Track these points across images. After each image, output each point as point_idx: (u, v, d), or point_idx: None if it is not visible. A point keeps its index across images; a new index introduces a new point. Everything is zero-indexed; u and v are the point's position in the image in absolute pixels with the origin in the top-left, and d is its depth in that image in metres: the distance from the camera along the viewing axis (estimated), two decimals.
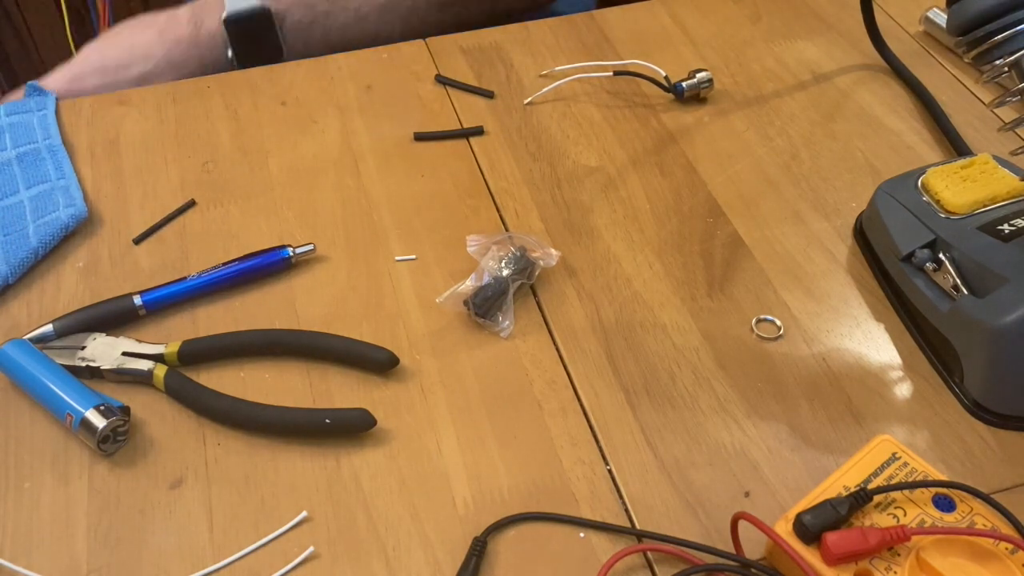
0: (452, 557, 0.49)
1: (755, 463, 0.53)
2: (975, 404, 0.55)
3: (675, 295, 0.62)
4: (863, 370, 0.58)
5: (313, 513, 0.51)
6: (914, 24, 0.84)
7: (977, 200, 0.59)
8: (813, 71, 0.79)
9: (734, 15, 0.86)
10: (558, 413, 0.55)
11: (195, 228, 0.66)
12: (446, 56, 0.81)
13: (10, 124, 0.73)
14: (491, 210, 0.67)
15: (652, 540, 0.49)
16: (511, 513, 0.50)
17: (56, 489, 0.52)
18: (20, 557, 0.49)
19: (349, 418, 0.53)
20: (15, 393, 0.56)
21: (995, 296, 0.53)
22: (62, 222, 0.64)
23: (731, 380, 0.57)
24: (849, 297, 0.62)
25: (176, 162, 0.71)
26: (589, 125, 0.74)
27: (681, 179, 0.70)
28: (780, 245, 0.65)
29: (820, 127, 0.74)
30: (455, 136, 0.73)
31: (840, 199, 0.68)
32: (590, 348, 0.59)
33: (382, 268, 0.63)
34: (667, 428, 0.55)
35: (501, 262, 0.60)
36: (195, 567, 0.49)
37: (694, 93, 0.75)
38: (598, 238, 0.65)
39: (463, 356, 0.58)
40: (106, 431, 0.52)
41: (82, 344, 0.57)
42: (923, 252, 0.59)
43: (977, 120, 0.74)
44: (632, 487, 0.52)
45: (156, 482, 0.52)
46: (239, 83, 0.78)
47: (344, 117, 0.75)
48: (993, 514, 0.47)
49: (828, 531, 0.45)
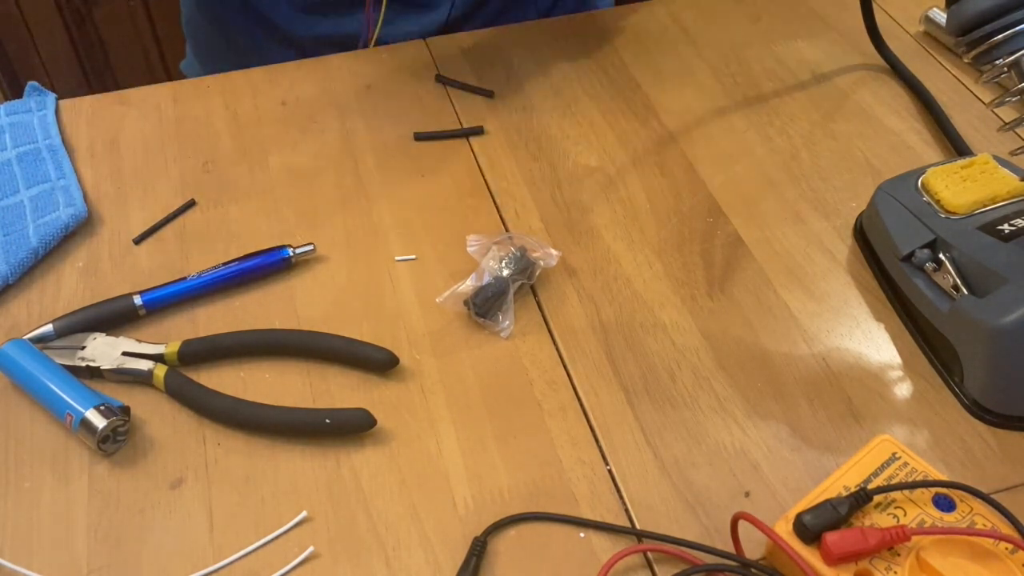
0: (452, 557, 0.49)
1: (755, 463, 0.53)
2: (975, 404, 0.55)
3: (675, 295, 0.62)
4: (863, 370, 0.58)
5: (313, 513, 0.51)
6: (914, 24, 0.84)
7: (977, 200, 0.59)
8: (813, 71, 0.79)
9: (734, 15, 0.86)
10: (558, 413, 0.55)
11: (195, 228, 0.66)
12: (446, 56, 0.81)
13: (10, 124, 0.73)
14: (491, 210, 0.67)
15: (652, 540, 0.49)
16: (511, 513, 0.50)
17: (56, 489, 0.52)
18: (20, 557, 0.49)
19: (349, 418, 0.53)
20: (15, 393, 0.56)
21: (995, 296, 0.53)
22: (62, 222, 0.64)
23: (731, 380, 0.57)
24: (849, 297, 0.62)
25: (176, 162, 0.71)
26: (589, 125, 0.74)
27: (681, 179, 0.70)
28: (780, 245, 0.65)
29: (820, 127, 0.74)
30: (455, 136, 0.73)
31: (840, 199, 0.68)
32: (590, 348, 0.59)
33: (382, 268, 0.63)
34: (667, 428, 0.55)
35: (501, 262, 0.60)
36: (195, 567, 0.49)
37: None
38: (598, 238, 0.65)
39: (463, 356, 0.58)
40: (106, 431, 0.52)
41: (82, 344, 0.57)
42: (923, 252, 0.59)
43: (977, 120, 0.74)
44: (632, 487, 0.52)
45: (156, 482, 0.52)
46: (239, 83, 0.78)
47: (344, 117, 0.75)
48: (993, 514, 0.47)
49: (828, 531, 0.45)
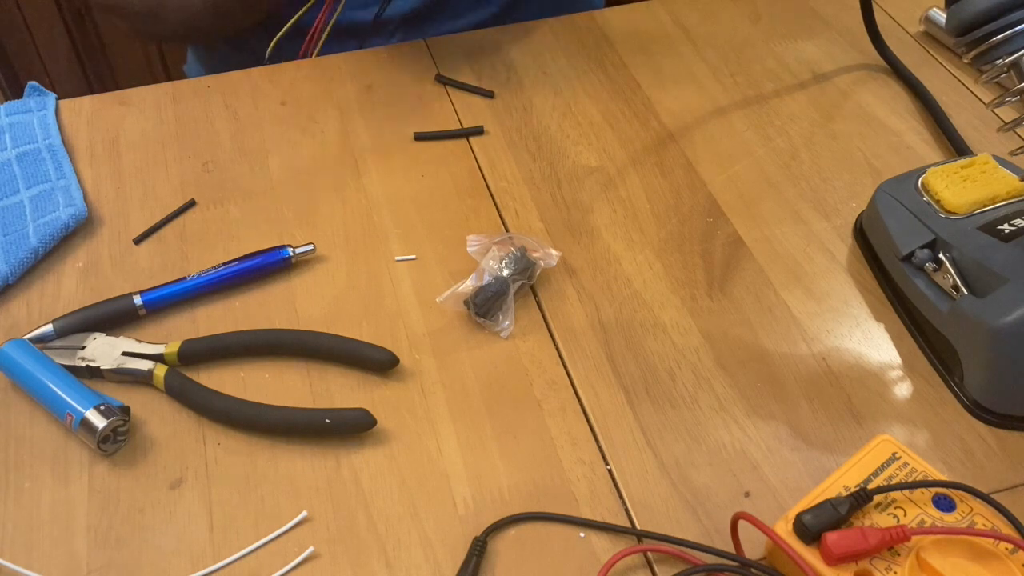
0: (452, 557, 0.49)
1: (755, 463, 0.53)
2: (975, 404, 0.55)
3: (675, 295, 0.62)
4: (863, 370, 0.58)
5: (313, 513, 0.51)
6: (914, 24, 0.84)
7: (977, 200, 0.59)
8: (813, 71, 0.79)
9: (734, 15, 0.86)
10: (558, 413, 0.55)
11: (195, 228, 0.66)
12: (446, 56, 0.81)
13: (10, 124, 0.73)
14: (491, 210, 0.67)
15: (652, 540, 0.49)
16: (511, 513, 0.50)
17: (56, 489, 0.52)
18: (20, 557, 0.49)
19: (349, 418, 0.53)
20: (15, 393, 0.56)
21: (995, 296, 0.53)
22: (62, 222, 0.64)
23: (731, 380, 0.57)
24: (849, 297, 0.62)
25: (176, 162, 0.71)
26: (589, 125, 0.74)
27: (681, 179, 0.70)
28: (780, 245, 0.65)
29: (820, 127, 0.74)
30: (455, 136, 0.73)
31: (840, 199, 0.68)
32: (590, 348, 0.59)
33: (382, 268, 0.63)
34: (667, 428, 0.55)
35: (501, 262, 0.60)
36: (195, 567, 0.49)
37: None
38: (598, 238, 0.65)
39: (463, 356, 0.58)
40: (106, 431, 0.52)
41: (82, 344, 0.57)
42: (923, 252, 0.59)
43: (977, 120, 0.74)
44: (632, 487, 0.52)
45: (156, 482, 0.52)
46: (239, 83, 0.78)
47: (344, 117, 0.75)
48: (993, 514, 0.47)
49: (828, 531, 0.45)
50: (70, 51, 1.57)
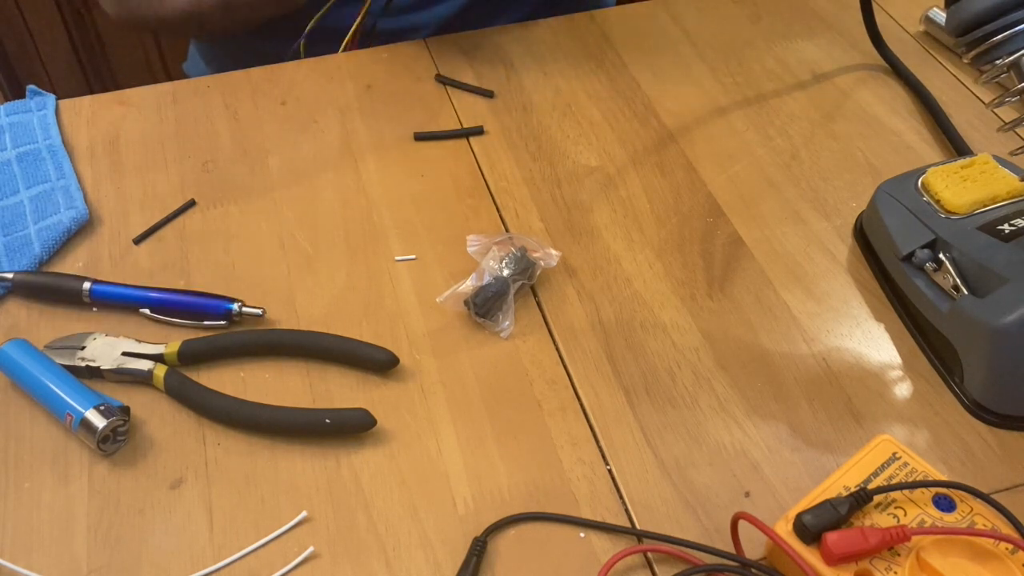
0: (452, 557, 0.49)
1: (755, 463, 0.53)
2: (975, 404, 0.55)
3: (675, 295, 0.62)
4: (863, 370, 0.58)
5: (313, 513, 0.51)
6: (914, 24, 0.84)
7: (977, 200, 0.59)
8: (813, 71, 0.79)
9: (734, 15, 0.86)
10: (558, 413, 0.55)
11: (195, 228, 0.66)
12: (446, 56, 0.81)
13: (10, 124, 0.73)
14: (491, 210, 0.67)
15: (652, 540, 0.49)
16: (511, 513, 0.50)
17: (56, 489, 0.52)
18: (20, 557, 0.49)
19: (349, 418, 0.53)
20: (15, 393, 0.56)
21: (995, 296, 0.53)
22: (64, 226, 0.64)
23: (731, 380, 0.57)
24: (849, 297, 0.62)
25: (176, 162, 0.71)
26: (589, 125, 0.74)
27: (681, 179, 0.70)
28: (780, 245, 0.65)
29: (820, 127, 0.74)
30: (455, 136, 0.73)
31: (840, 199, 0.68)
32: (590, 348, 0.59)
33: (382, 268, 0.63)
34: (667, 428, 0.55)
35: (501, 262, 0.60)
36: (195, 567, 0.49)
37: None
38: (598, 238, 0.65)
39: (463, 356, 0.58)
40: (106, 431, 0.52)
41: (82, 344, 0.57)
42: (923, 252, 0.59)
43: (977, 120, 0.74)
44: (632, 487, 0.52)
45: (156, 482, 0.52)
46: (239, 83, 0.78)
47: (344, 117, 0.75)
48: (993, 514, 0.47)
49: (828, 531, 0.45)
50: (70, 51, 1.57)
